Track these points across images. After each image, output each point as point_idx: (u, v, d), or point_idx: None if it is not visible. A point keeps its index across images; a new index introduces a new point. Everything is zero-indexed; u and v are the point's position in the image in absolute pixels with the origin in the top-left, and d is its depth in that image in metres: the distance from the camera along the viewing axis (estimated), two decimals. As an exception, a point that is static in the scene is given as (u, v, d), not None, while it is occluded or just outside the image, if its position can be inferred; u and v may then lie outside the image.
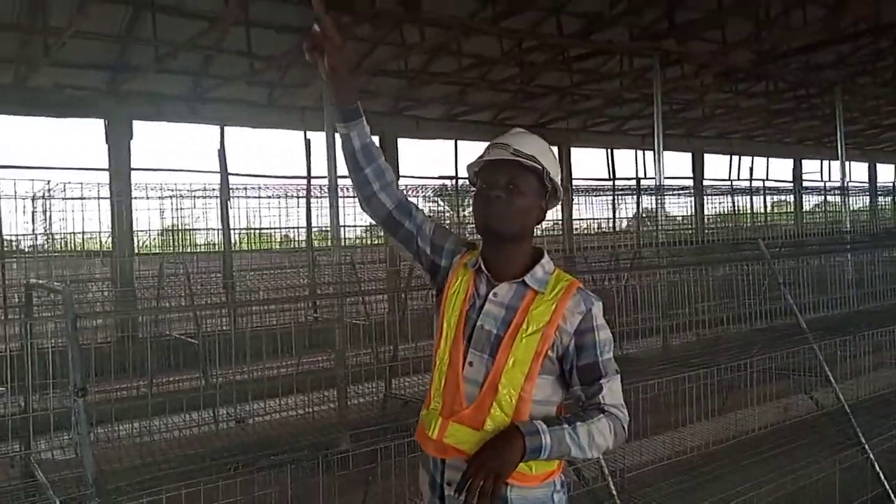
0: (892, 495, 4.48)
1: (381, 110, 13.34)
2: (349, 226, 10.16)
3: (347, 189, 9.27)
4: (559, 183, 1.94)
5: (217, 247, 11.00)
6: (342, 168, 2.00)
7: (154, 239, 11.31)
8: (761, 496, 3.82)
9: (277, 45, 10.29)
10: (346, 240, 9.96)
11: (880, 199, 14.25)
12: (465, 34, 9.88)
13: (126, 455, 4.46)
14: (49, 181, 8.01)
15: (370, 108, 12.10)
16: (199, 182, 10.43)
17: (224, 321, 9.31)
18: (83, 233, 8.59)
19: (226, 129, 11.95)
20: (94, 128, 10.88)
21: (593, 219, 11.63)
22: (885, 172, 24.70)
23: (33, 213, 8.14)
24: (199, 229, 10.70)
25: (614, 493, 3.41)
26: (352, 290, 7.45)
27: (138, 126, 11.06)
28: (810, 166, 22.45)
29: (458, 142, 14.88)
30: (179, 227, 10.31)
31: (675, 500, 3.60)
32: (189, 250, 10.71)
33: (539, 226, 1.99)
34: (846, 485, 4.42)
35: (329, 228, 11.02)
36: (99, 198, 7.99)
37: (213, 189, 10.45)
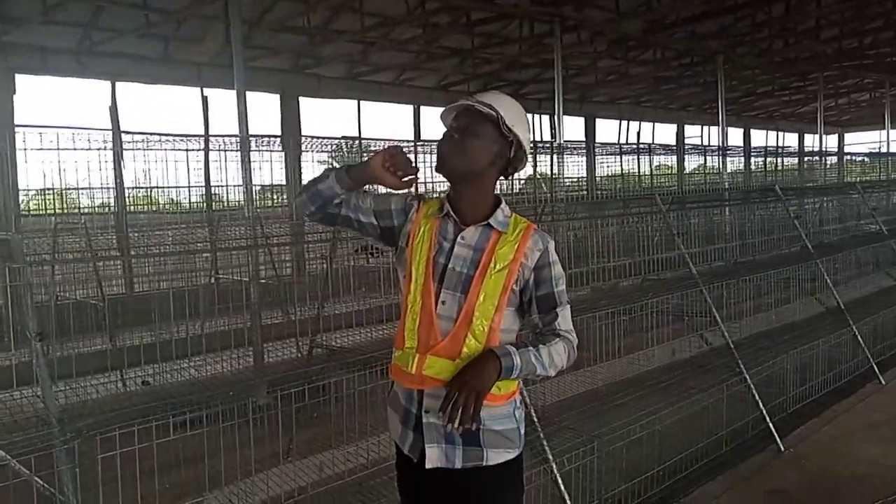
0: (767, 417, 5.08)
1: (281, 68, 13.11)
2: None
3: (255, 142, 9.16)
4: (523, 141, 2.09)
5: (111, 206, 10.58)
6: (256, 126, 2.15)
7: (38, 198, 10.73)
8: (662, 419, 4.27)
9: (174, -2, 9.92)
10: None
11: (753, 160, 15.45)
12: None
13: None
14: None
15: (271, 66, 11.91)
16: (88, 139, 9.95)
17: (127, 283, 9.06)
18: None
19: (118, 84, 11.40)
20: (-29, 80, 10.14)
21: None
22: (757, 137, 26.57)
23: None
24: (91, 188, 10.24)
25: (535, 419, 3.73)
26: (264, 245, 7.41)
27: (22, 80, 10.39)
28: (691, 131, 23.85)
29: (361, 102, 14.83)
30: (75, 186, 9.80)
31: (586, 424, 3.98)
32: (80, 210, 10.25)
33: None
34: (731, 410, 4.97)
35: (222, 187, 10.87)
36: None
37: (106, 143, 9.99)
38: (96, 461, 2.64)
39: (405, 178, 2.04)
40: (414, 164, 2.04)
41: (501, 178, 2.20)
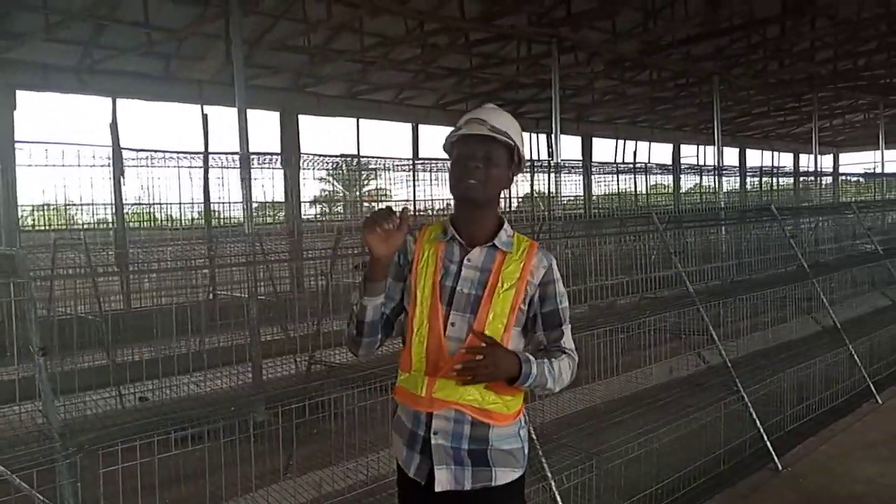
0: (765, 436, 5.10)
1: (282, 86, 13.23)
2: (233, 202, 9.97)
3: (255, 160, 9.20)
4: (524, 158, 2.17)
5: (110, 223, 10.60)
6: (255, 143, 2.11)
7: (37, 214, 10.74)
8: (661, 436, 4.29)
9: (175, 17, 10.02)
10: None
11: (749, 180, 15.55)
12: (371, 13, 9.97)
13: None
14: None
15: (271, 84, 12.03)
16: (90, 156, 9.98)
17: (126, 299, 9.06)
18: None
19: (119, 101, 11.50)
20: (-28, 96, 10.22)
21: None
22: (753, 157, 26.77)
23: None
24: (94, 204, 10.27)
25: (534, 436, 3.75)
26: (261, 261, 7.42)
27: (22, 96, 10.48)
28: (687, 151, 24.01)
29: (360, 120, 14.95)
30: (75, 202, 9.82)
31: (584, 441, 4.01)
32: (79, 226, 10.26)
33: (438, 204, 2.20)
34: (728, 428, 4.99)
35: (221, 204, 10.87)
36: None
37: (107, 159, 10.02)
38: (98, 476, 2.65)
39: (398, 224, 1.98)
40: (392, 209, 2.00)
41: None
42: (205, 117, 12.38)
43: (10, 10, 9.23)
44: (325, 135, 14.84)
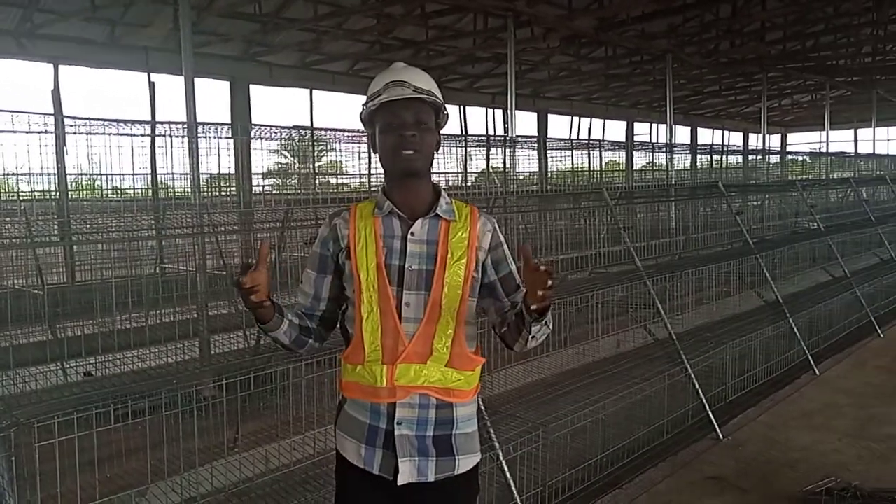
0: (707, 407, 5.24)
1: (232, 54, 12.92)
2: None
3: (203, 129, 8.97)
4: (447, 112, 2.06)
5: (52, 193, 10.25)
6: (204, 113, 1.96)
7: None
8: (606, 407, 4.37)
9: (120, -20, 9.69)
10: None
11: (699, 158, 15.81)
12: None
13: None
14: None
15: (221, 52, 11.74)
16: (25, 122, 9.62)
17: (68, 272, 8.82)
18: None
19: (62, 68, 11.07)
20: None
21: (444, 172, 11.96)
22: (703, 135, 27.23)
23: None
24: (31, 173, 9.90)
25: (483, 408, 3.77)
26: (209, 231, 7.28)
27: (-43, 60, 10.04)
28: (640, 128, 24.30)
29: (313, 91, 14.70)
30: (13, 171, 9.45)
31: (532, 412, 4.05)
32: (16, 196, 9.89)
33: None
34: (672, 399, 5.11)
35: (168, 174, 10.59)
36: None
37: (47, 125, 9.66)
38: (34, 451, 2.57)
39: (256, 265, 1.85)
40: (246, 264, 1.86)
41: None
42: (152, 85, 12.05)
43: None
44: (278, 106, 14.58)
